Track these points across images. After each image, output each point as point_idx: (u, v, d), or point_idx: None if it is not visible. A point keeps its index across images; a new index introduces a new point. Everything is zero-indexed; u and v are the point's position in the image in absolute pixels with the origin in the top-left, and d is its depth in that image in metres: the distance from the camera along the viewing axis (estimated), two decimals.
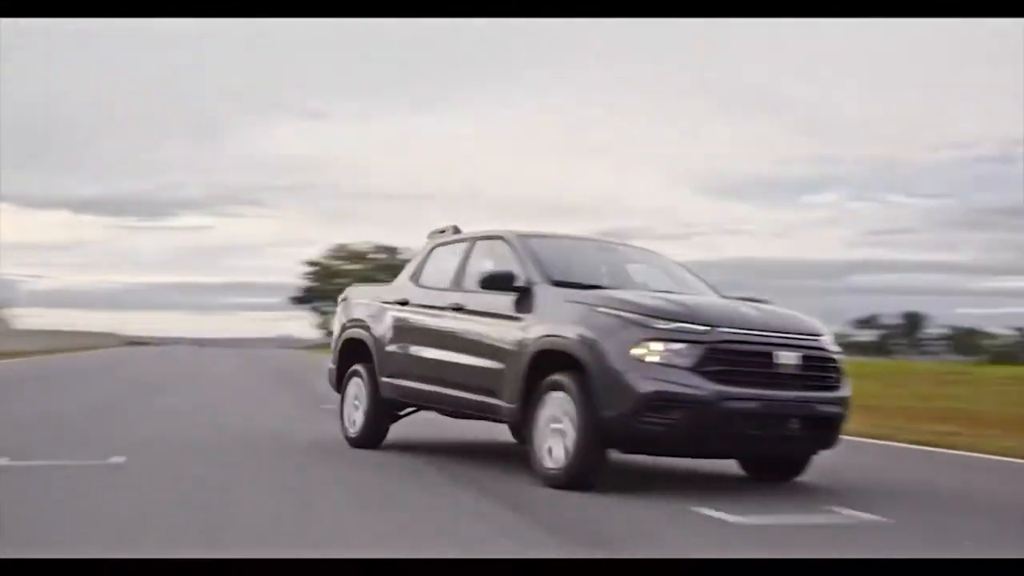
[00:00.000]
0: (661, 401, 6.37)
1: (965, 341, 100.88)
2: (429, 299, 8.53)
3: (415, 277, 8.97)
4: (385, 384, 8.77)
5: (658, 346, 6.45)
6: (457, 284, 8.28)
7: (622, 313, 6.65)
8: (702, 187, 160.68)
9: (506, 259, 7.78)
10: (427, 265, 8.95)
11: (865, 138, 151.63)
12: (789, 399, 6.68)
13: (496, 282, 7.46)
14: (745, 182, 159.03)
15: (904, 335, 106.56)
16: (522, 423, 7.20)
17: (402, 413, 9.03)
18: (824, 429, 6.95)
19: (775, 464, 7.53)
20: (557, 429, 6.76)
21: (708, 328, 6.57)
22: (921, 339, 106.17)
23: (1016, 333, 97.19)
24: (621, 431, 6.52)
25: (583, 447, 6.57)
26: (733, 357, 6.54)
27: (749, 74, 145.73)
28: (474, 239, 8.52)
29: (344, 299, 9.87)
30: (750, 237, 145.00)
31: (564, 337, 6.84)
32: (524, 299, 7.33)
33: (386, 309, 8.96)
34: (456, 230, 8.98)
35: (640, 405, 6.38)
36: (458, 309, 8.01)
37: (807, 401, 6.77)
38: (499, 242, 8.12)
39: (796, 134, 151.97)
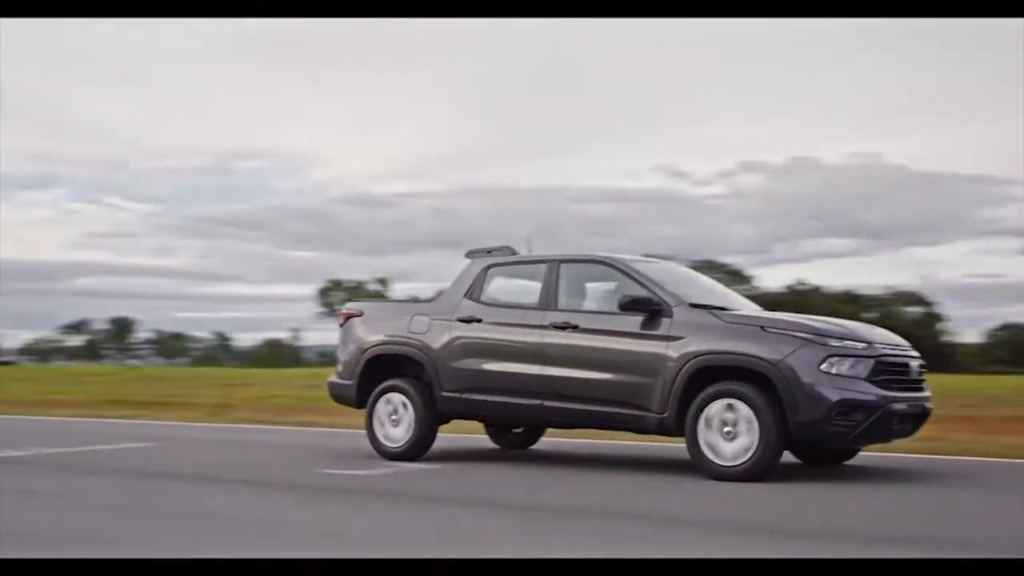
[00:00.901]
0: (847, 407, 7.41)
1: (171, 345, 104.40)
2: (511, 317, 8.74)
3: (474, 295, 9.02)
4: (449, 399, 8.85)
5: (838, 361, 7.53)
6: (549, 303, 8.57)
7: (796, 333, 7.62)
8: None
9: (620, 282, 8.40)
10: (484, 285, 9.05)
11: (92, 139, 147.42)
12: (918, 399, 7.98)
13: (637, 305, 8.05)
14: None
15: (113, 340, 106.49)
16: (676, 428, 7.85)
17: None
18: (923, 420, 8.16)
19: (832, 453, 8.66)
20: (729, 432, 7.59)
21: (867, 344, 7.71)
22: (131, 344, 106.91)
23: (215, 337, 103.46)
24: (813, 433, 7.49)
25: (769, 446, 7.45)
26: (889, 368, 7.72)
27: None
28: (557, 261, 8.81)
29: (358, 314, 9.55)
30: None
31: (736, 352, 7.65)
32: (656, 319, 7.99)
33: (446, 326, 8.95)
34: (512, 251, 9.23)
35: (831, 411, 7.39)
36: (566, 327, 8.37)
37: (922, 400, 8.05)
38: (599, 266, 8.70)
39: (16, 128, 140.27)
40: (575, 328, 8.36)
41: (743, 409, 7.53)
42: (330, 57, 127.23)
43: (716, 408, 7.64)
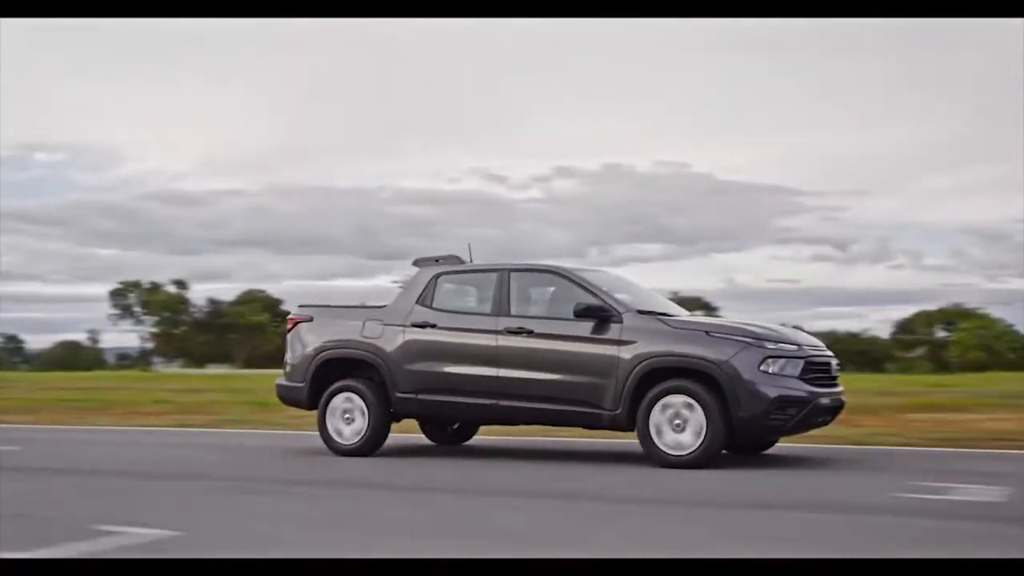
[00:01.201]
0: (783, 402, 8.21)
1: None
2: (468, 322, 9.15)
3: (425, 302, 9.39)
4: (403, 399, 9.27)
5: (775, 361, 8.31)
6: (502, 310, 9.03)
7: (736, 337, 8.37)
8: None
9: (569, 290, 8.90)
10: (436, 292, 9.43)
11: None
12: (835, 393, 8.83)
13: (590, 312, 8.63)
14: None
15: None
16: (627, 424, 8.48)
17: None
18: (838, 411, 8.98)
19: (755, 443, 9.34)
20: (678, 426, 8.27)
21: (797, 347, 8.53)
22: None
23: (3, 340, 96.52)
24: (754, 426, 8.30)
25: (716, 437, 8.17)
26: (815, 367, 8.54)
27: None
28: (507, 271, 9.28)
29: (308, 319, 9.85)
30: None
31: (685, 355, 8.34)
32: (606, 324, 8.57)
33: (400, 331, 9.33)
34: (458, 260, 9.62)
35: (770, 406, 8.16)
36: (520, 332, 8.88)
37: (838, 394, 8.90)
38: (547, 275, 9.25)
39: None
40: (529, 333, 8.87)
41: (691, 405, 8.23)
42: (142, 51, 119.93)
43: (666, 405, 8.30)
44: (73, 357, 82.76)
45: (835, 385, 8.86)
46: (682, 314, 9.39)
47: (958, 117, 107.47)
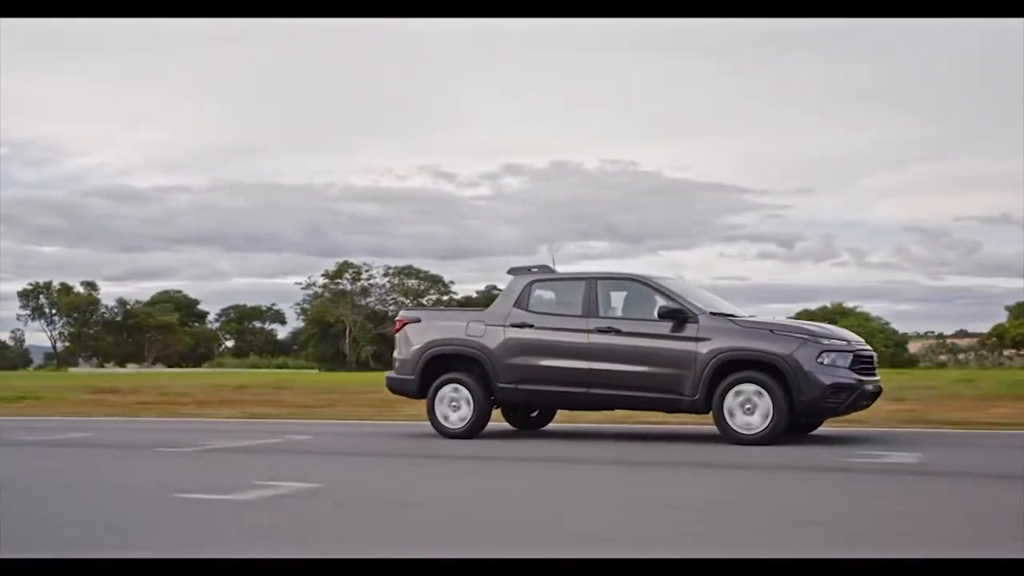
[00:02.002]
0: (837, 388, 9.43)
1: None
2: (561, 323, 10.32)
3: (522, 305, 10.55)
4: (505, 389, 10.41)
5: (830, 355, 9.53)
6: (591, 312, 10.20)
7: (796, 334, 9.65)
8: None
9: (651, 296, 10.15)
10: (529, 297, 10.58)
11: None
12: (876, 381, 10.01)
13: (672, 314, 9.83)
14: None
15: None
16: (704, 408, 9.70)
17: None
18: (877, 397, 10.15)
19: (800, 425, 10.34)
20: (748, 409, 9.47)
21: (847, 343, 9.80)
22: None
23: None
24: (811, 408, 9.52)
25: (780, 419, 9.38)
26: (862, 359, 9.76)
27: None
28: (595, 279, 10.48)
29: (415, 320, 11.07)
30: None
31: (755, 349, 9.56)
32: (684, 324, 9.76)
33: (500, 330, 10.49)
34: (549, 269, 10.81)
35: (826, 392, 9.40)
36: (608, 331, 10.07)
37: (878, 382, 10.09)
38: (633, 283, 10.46)
39: None
40: (617, 332, 10.08)
41: (760, 392, 9.45)
42: (88, 45, 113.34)
43: (738, 392, 9.51)
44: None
45: (875, 375, 10.10)
46: (744, 315, 10.53)
47: (901, 117, 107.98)
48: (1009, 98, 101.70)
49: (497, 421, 11.28)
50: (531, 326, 10.43)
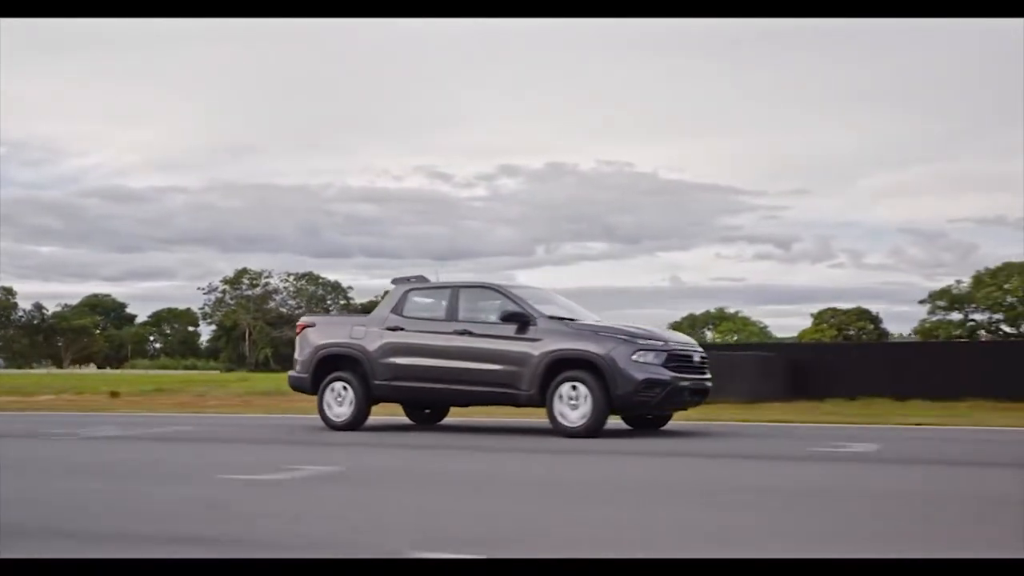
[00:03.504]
0: (649, 384, 9.83)
1: None
2: (425, 327, 10.96)
3: (398, 311, 11.19)
4: (380, 386, 11.04)
5: (644, 353, 9.95)
6: (452, 316, 10.81)
7: (617, 335, 10.01)
8: None
9: (502, 302, 10.60)
10: (406, 303, 11.22)
11: None
12: (698, 379, 10.39)
13: (512, 317, 10.35)
14: None
15: None
16: (539, 402, 10.14)
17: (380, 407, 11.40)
18: (705, 395, 10.65)
19: (651, 421, 10.94)
20: (573, 404, 9.91)
21: (663, 343, 10.18)
22: None
23: None
24: (626, 402, 9.90)
25: (599, 413, 9.82)
26: (677, 357, 10.13)
27: None
28: (457, 287, 11.13)
29: (311, 324, 11.81)
30: None
31: (579, 348, 9.99)
32: (526, 327, 10.24)
33: (378, 333, 11.12)
34: (423, 279, 11.53)
35: (639, 386, 9.80)
36: (464, 333, 10.62)
37: (702, 380, 10.50)
38: (486, 290, 10.96)
39: None
40: (470, 334, 10.64)
41: (582, 388, 9.90)
42: (85, 45, 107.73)
43: (564, 387, 9.97)
44: None
45: (700, 373, 10.48)
46: (587, 319, 10.91)
47: (900, 117, 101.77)
48: (1008, 99, 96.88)
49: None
50: (402, 329, 11.03)
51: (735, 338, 76.97)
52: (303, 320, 12.11)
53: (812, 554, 4.02)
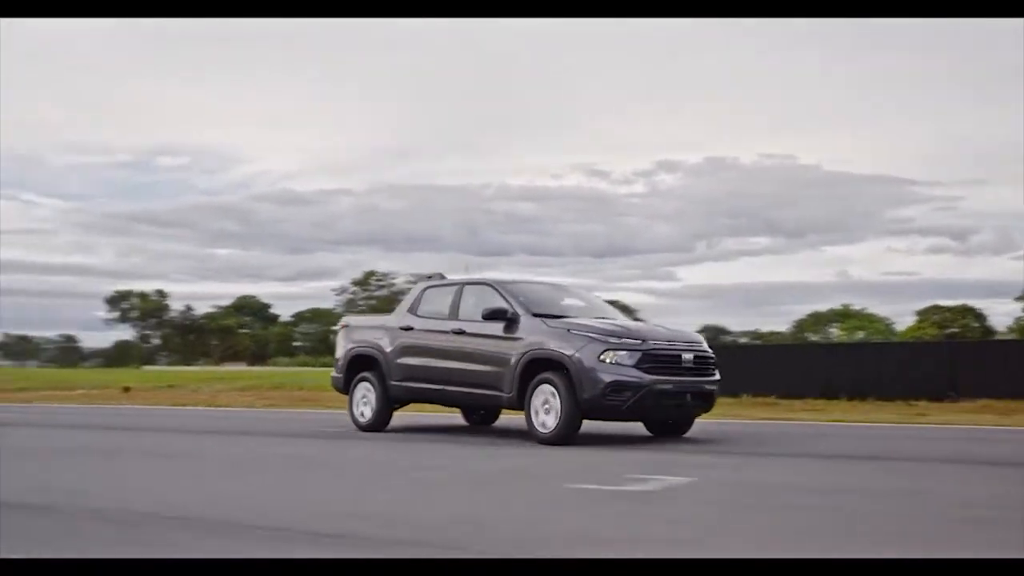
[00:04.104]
0: (617, 386, 8.88)
1: (19, 347, 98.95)
2: (430, 326, 10.42)
3: (413, 310, 10.73)
4: (394, 386, 10.67)
5: (613, 353, 8.96)
6: (454, 315, 10.21)
7: (588, 334, 9.06)
8: None
9: (493, 298, 9.87)
10: (422, 302, 10.75)
11: (7, 133, 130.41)
12: (689, 382, 9.23)
13: (494, 314, 9.63)
14: None
15: None
16: (519, 405, 9.40)
17: (397, 407, 11.05)
18: (707, 399, 9.54)
19: (670, 427, 9.97)
20: (547, 408, 9.12)
21: (641, 341, 9.08)
22: None
23: (62, 339, 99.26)
24: (593, 406, 8.97)
25: (567, 418, 8.99)
26: (657, 358, 9.07)
27: None
28: (463, 284, 10.45)
29: (346, 326, 11.61)
30: None
31: (550, 349, 9.17)
32: (512, 325, 9.53)
33: (393, 333, 10.77)
34: (442, 276, 11.11)
35: (605, 389, 8.87)
36: (459, 332, 10.03)
37: (698, 383, 9.31)
38: (485, 287, 10.16)
39: None
40: (464, 333, 10.06)
41: (552, 390, 9.11)
42: (254, 53, 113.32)
43: (540, 390, 9.21)
44: (124, 354, 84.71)
45: (696, 375, 9.35)
46: (587, 317, 9.91)
47: None
48: None
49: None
50: (412, 329, 10.61)
51: (860, 335, 74.67)
52: (342, 320, 11.95)
53: None
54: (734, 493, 5.95)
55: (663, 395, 9.07)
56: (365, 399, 10.98)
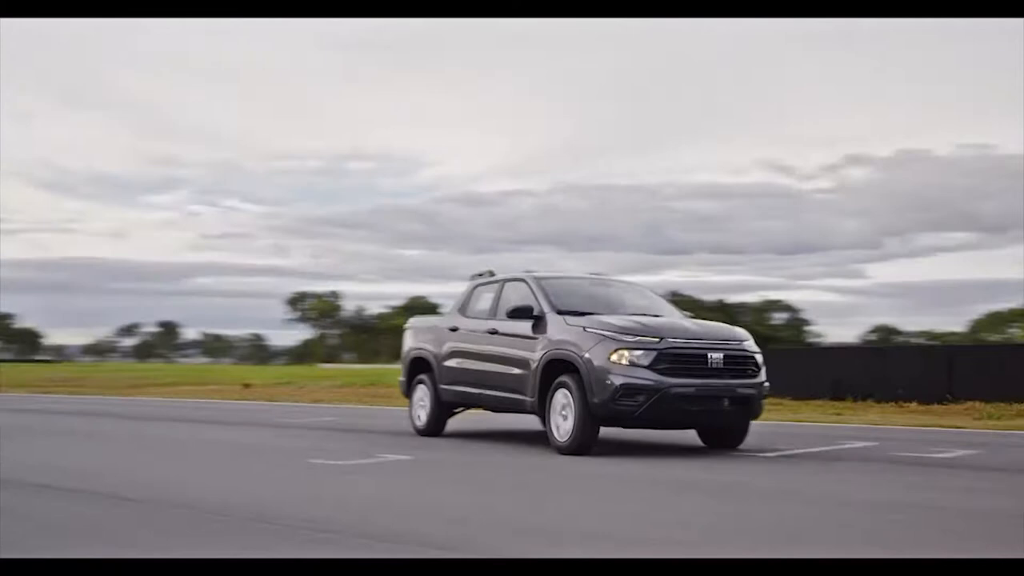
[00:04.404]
0: (628, 389, 8.02)
1: (214, 345, 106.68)
2: (473, 326, 9.88)
3: (462, 310, 10.18)
4: (443, 390, 10.22)
5: (625, 353, 8.11)
6: (493, 314, 9.64)
7: (602, 332, 8.24)
8: (33, 180, 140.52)
9: (527, 296, 9.24)
10: (471, 301, 10.20)
11: (209, 142, 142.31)
12: (717, 385, 8.18)
13: (519, 313, 9.02)
14: (81, 178, 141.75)
15: (161, 341, 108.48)
16: (539, 411, 8.74)
17: (456, 411, 10.61)
18: (745, 405, 8.39)
19: (723, 436, 9.00)
20: (564, 414, 8.39)
21: (658, 339, 8.15)
22: (178, 344, 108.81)
23: (252, 337, 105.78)
24: (605, 411, 8.11)
25: (581, 425, 8.23)
26: (676, 358, 8.11)
27: (92, 70, 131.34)
28: (504, 281, 9.81)
29: (409, 327, 11.21)
30: (85, 236, 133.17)
31: (565, 349, 8.45)
32: (539, 324, 8.83)
33: (443, 334, 10.32)
34: (492, 273, 10.30)
35: (616, 393, 8.03)
36: (493, 333, 9.46)
37: (730, 386, 8.24)
38: (521, 283, 9.51)
39: (139, 133, 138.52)
40: (496, 333, 9.47)
41: (568, 395, 8.38)
42: (435, 58, 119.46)
43: (559, 394, 8.50)
44: (308, 351, 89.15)
45: (730, 378, 8.33)
46: (613, 314, 8.98)
47: None
48: None
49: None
50: (458, 330, 10.13)
51: None
52: (407, 322, 11.53)
53: None
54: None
55: (683, 399, 8.11)
56: (422, 402, 10.68)
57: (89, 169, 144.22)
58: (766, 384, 8.66)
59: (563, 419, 8.41)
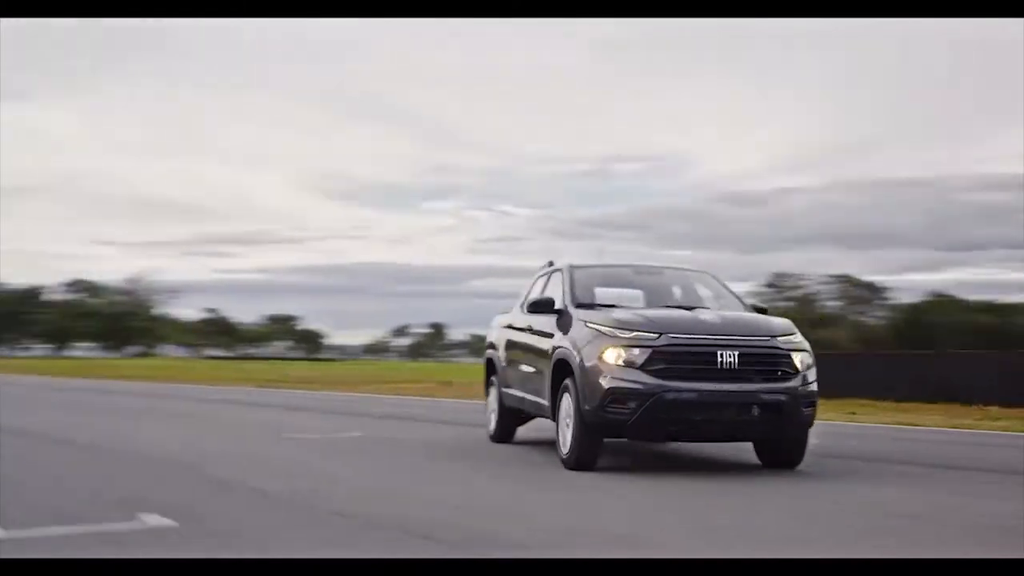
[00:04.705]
0: (617, 394, 6.73)
1: (479, 345, 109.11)
2: (521, 322, 8.83)
3: (523, 304, 8.90)
4: (503, 393, 9.23)
5: (618, 351, 6.81)
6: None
7: (600, 327, 7.00)
8: (326, 191, 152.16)
9: (557, 287, 8.22)
10: (531, 294, 8.95)
11: (483, 150, 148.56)
12: (730, 390, 6.72)
13: (539, 307, 7.96)
14: (368, 188, 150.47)
15: (430, 341, 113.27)
16: (555, 418, 7.56)
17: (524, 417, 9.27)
18: (773, 414, 6.82)
19: (779, 453, 7.43)
20: (567, 423, 7.23)
21: (657, 335, 6.79)
22: (445, 344, 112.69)
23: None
24: (596, 420, 6.87)
25: (578, 436, 7.05)
26: (674, 356, 6.75)
27: (373, 82, 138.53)
28: (550, 272, 8.74)
29: (492, 325, 9.98)
30: (372, 242, 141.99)
31: (565, 347, 7.35)
32: (562, 319, 7.70)
33: (503, 332, 9.34)
34: (551, 264, 9.03)
35: (604, 398, 6.78)
36: (529, 330, 8.45)
37: (750, 391, 6.75)
38: (558, 273, 8.45)
39: (418, 142, 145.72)
40: (530, 329, 8.48)
41: (570, 400, 7.24)
42: (697, 56, 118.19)
43: (564, 399, 7.36)
44: None
45: (736, 381, 6.85)
46: (638, 305, 8.07)
47: None
48: None
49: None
50: (511, 327, 9.17)
51: None
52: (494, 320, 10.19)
53: None
54: None
55: (683, 407, 6.68)
56: (492, 407, 9.62)
57: (376, 179, 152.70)
58: (811, 388, 7.03)
59: (567, 427, 7.22)
